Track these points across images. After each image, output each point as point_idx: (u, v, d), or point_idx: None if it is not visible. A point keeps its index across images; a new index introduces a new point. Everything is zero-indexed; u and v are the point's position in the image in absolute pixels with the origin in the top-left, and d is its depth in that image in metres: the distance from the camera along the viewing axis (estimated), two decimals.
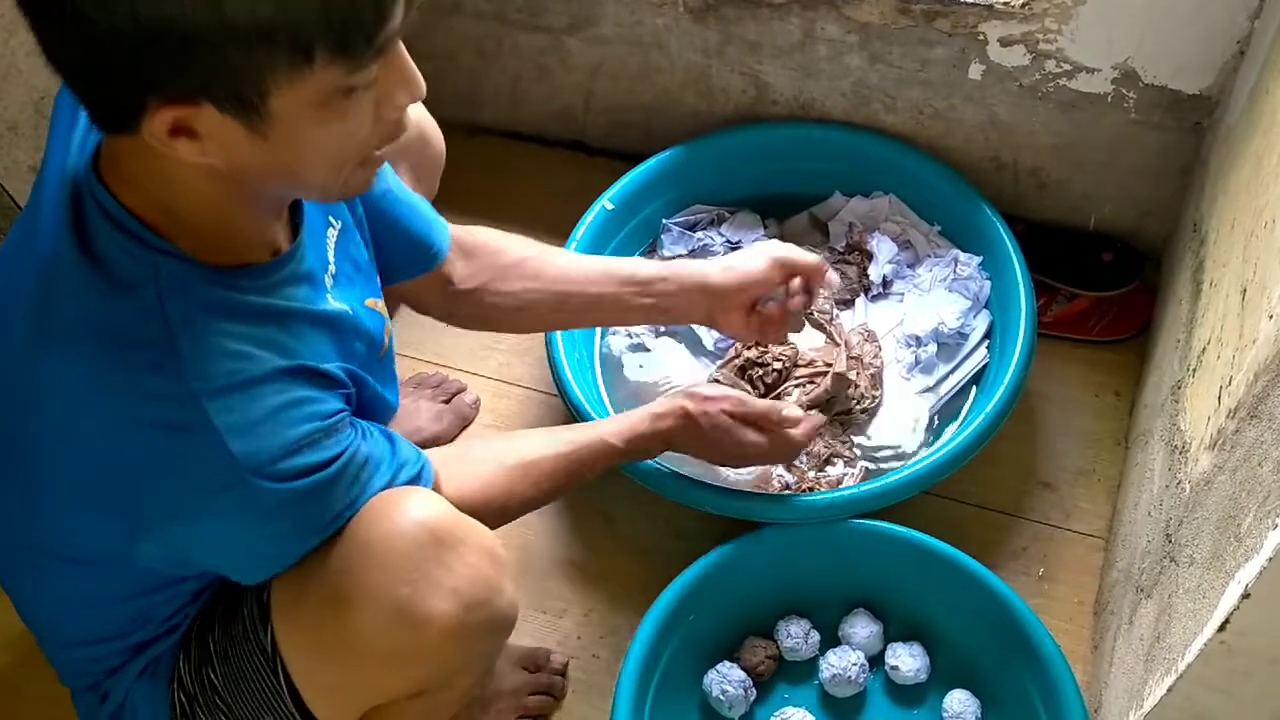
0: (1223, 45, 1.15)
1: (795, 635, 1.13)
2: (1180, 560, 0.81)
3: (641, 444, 1.05)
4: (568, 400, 1.22)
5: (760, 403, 1.10)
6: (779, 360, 1.27)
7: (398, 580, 0.79)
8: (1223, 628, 0.64)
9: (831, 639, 1.15)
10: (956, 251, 1.35)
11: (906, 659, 1.11)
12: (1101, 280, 1.36)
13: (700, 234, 1.43)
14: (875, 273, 1.36)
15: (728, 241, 1.42)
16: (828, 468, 1.21)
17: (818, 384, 1.25)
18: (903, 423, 1.24)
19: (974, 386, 1.28)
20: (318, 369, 0.78)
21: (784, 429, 1.09)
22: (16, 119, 1.21)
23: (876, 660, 1.13)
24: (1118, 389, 1.33)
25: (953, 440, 1.15)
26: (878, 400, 1.26)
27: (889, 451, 1.23)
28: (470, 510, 0.86)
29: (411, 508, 0.81)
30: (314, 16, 0.61)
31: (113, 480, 0.73)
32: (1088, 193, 1.38)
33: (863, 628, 1.13)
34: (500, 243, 1.10)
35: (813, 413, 1.17)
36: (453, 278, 1.07)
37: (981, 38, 1.25)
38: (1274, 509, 0.61)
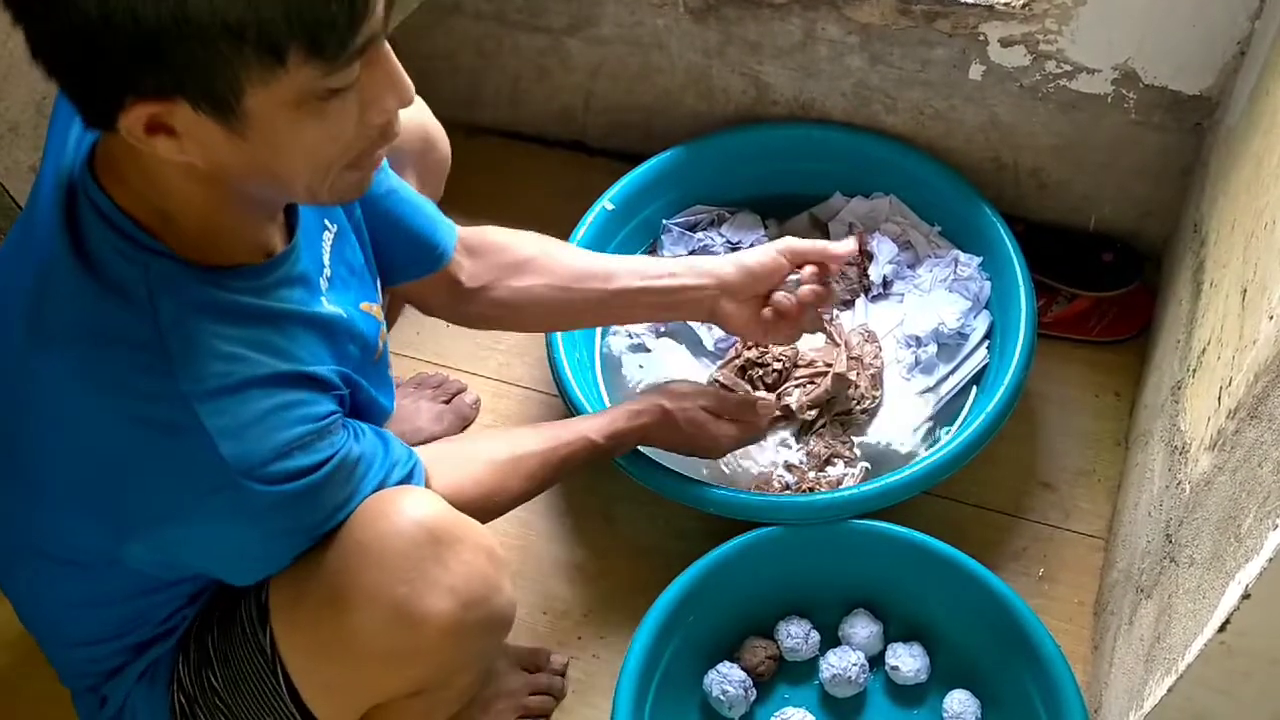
0: (1223, 46, 1.15)
1: (795, 635, 1.13)
2: (1180, 561, 0.81)
3: (621, 440, 1.09)
4: (568, 400, 1.22)
5: (734, 396, 1.15)
6: (779, 360, 1.27)
7: (395, 579, 0.79)
8: (1223, 628, 0.64)
9: (832, 639, 1.15)
10: (957, 252, 1.35)
11: (907, 659, 1.11)
12: (1102, 281, 1.36)
13: (700, 234, 1.43)
14: (875, 273, 1.36)
15: (728, 242, 1.42)
16: (828, 468, 1.21)
17: (818, 384, 1.25)
18: (903, 423, 1.24)
19: (974, 387, 1.28)
20: (310, 372, 0.78)
21: (754, 414, 1.18)
22: (18, 119, 1.21)
23: (877, 660, 1.13)
24: (1118, 389, 1.33)
25: (953, 440, 1.15)
26: (878, 401, 1.26)
27: (889, 452, 1.23)
28: (462, 506, 0.86)
29: (409, 507, 0.81)
30: (282, 15, 0.61)
31: (104, 481, 0.73)
32: (1088, 193, 1.38)
33: (863, 628, 1.13)
34: (507, 241, 1.10)
35: (766, 394, 1.25)
36: (459, 278, 1.07)
37: (982, 38, 1.25)
38: (1274, 509, 0.61)
